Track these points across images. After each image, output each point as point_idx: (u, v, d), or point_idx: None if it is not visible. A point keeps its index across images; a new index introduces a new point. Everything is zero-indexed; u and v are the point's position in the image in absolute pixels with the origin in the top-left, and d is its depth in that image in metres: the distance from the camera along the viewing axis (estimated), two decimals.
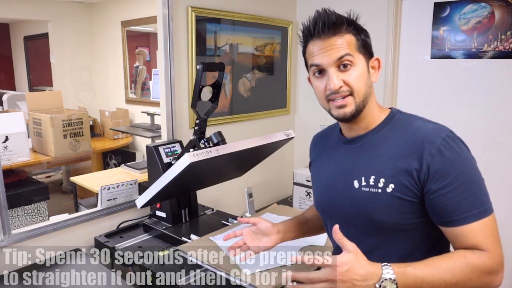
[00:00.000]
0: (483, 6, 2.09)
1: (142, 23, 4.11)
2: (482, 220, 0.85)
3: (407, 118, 0.97)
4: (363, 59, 0.94)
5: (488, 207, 0.86)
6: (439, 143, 0.86)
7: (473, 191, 0.86)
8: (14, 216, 2.77)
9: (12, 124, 2.97)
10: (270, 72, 2.67)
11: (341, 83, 0.91)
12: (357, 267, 0.81)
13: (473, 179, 0.87)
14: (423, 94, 2.35)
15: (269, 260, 1.37)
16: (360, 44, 0.94)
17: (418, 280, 0.81)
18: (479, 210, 0.85)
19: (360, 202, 0.95)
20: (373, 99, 0.97)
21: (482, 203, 0.86)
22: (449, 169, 0.85)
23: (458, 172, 0.85)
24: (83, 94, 4.88)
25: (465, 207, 0.85)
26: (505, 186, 2.14)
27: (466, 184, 0.85)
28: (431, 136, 0.88)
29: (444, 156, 0.86)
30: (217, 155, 1.33)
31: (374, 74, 0.97)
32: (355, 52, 0.92)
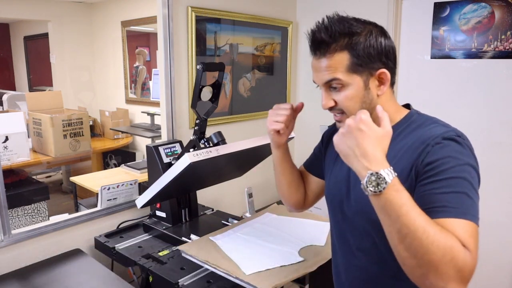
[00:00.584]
0: (483, 6, 2.10)
1: (142, 23, 4.11)
2: (468, 221, 0.75)
3: (424, 120, 0.93)
4: (358, 78, 0.88)
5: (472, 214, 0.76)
6: (438, 141, 0.82)
7: (456, 191, 0.77)
8: (14, 216, 2.77)
9: (12, 124, 2.97)
10: (270, 72, 2.67)
11: (331, 103, 0.91)
12: (372, 138, 0.75)
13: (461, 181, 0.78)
14: (423, 94, 2.35)
15: (269, 260, 1.37)
16: (354, 63, 0.87)
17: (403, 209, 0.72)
18: (459, 210, 0.76)
19: (362, 200, 0.91)
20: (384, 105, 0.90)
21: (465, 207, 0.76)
22: (438, 162, 0.80)
23: (446, 167, 0.79)
24: (83, 94, 4.88)
25: (452, 201, 0.76)
26: (505, 186, 2.14)
27: (451, 181, 0.78)
28: (436, 136, 0.84)
29: (438, 151, 0.81)
30: (217, 155, 1.33)
31: (379, 87, 0.91)
32: (346, 73, 0.87)
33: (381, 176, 0.72)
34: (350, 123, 0.77)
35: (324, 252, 1.43)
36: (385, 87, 0.91)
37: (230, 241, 1.52)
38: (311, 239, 1.52)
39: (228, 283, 1.34)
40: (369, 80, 0.89)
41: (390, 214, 0.73)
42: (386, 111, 0.90)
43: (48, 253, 1.69)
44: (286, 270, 1.31)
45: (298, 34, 2.82)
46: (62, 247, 1.73)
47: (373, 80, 0.90)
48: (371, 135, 0.75)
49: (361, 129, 0.76)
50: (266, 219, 1.75)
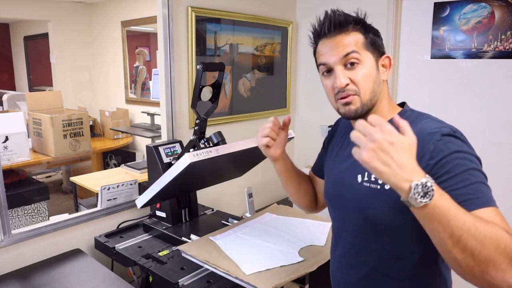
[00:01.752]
0: (483, 6, 2.10)
1: (142, 23, 4.11)
2: (493, 208, 0.77)
3: (416, 116, 0.96)
4: (371, 57, 0.93)
5: (494, 200, 0.79)
6: (438, 139, 0.83)
7: (473, 181, 0.79)
8: (14, 216, 2.77)
9: (12, 124, 2.97)
10: (270, 72, 2.67)
11: (347, 81, 0.91)
12: (406, 151, 0.71)
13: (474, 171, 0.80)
14: (423, 94, 2.35)
15: (269, 260, 1.37)
16: (368, 42, 0.93)
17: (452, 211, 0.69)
18: (482, 199, 0.77)
19: (360, 196, 0.94)
20: (383, 97, 0.97)
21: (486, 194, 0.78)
22: (447, 159, 0.81)
23: (456, 162, 0.80)
24: (83, 94, 4.88)
25: (473, 192, 0.77)
26: (505, 186, 2.14)
27: (466, 174, 0.79)
28: (431, 133, 0.85)
29: (442, 149, 0.82)
30: (217, 155, 1.33)
31: (385, 72, 0.96)
32: (362, 50, 0.92)
33: (426, 184, 0.69)
34: (378, 137, 0.71)
35: (324, 252, 1.43)
36: (389, 72, 0.97)
37: (230, 241, 1.52)
38: (311, 239, 1.52)
39: (228, 283, 1.34)
40: (378, 61, 0.95)
41: (440, 220, 0.70)
42: (383, 104, 0.97)
43: (48, 253, 1.69)
44: (286, 270, 1.31)
45: (298, 34, 2.82)
46: (62, 247, 1.73)
47: (380, 62, 0.96)
48: (404, 146, 0.72)
49: (392, 142, 0.71)
50: (266, 219, 1.75)
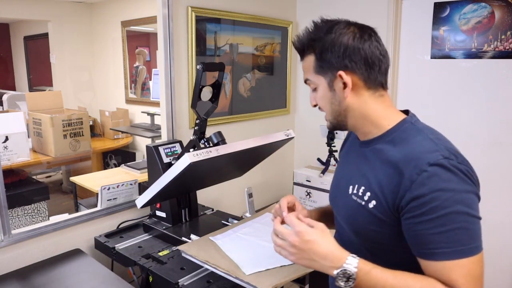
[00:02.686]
0: (483, 6, 2.10)
1: (142, 23, 4.11)
2: (458, 260, 0.75)
3: (413, 132, 0.88)
4: (323, 80, 0.92)
5: (470, 247, 0.76)
6: (423, 169, 0.78)
7: (451, 228, 0.76)
8: (14, 216, 2.77)
9: (12, 124, 2.97)
10: (270, 72, 2.67)
11: (314, 102, 0.98)
12: (320, 243, 0.81)
13: (455, 216, 0.76)
14: (423, 94, 2.35)
15: (269, 260, 1.37)
16: (317, 64, 0.91)
17: (378, 286, 0.78)
18: (454, 249, 0.75)
19: (348, 208, 0.95)
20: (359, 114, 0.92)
21: (461, 243, 0.75)
22: (426, 198, 0.77)
23: (437, 204, 0.76)
24: (83, 94, 4.88)
25: (438, 243, 0.76)
26: (505, 186, 2.14)
27: (443, 219, 0.76)
28: (419, 159, 0.80)
29: (424, 184, 0.77)
30: (217, 155, 1.33)
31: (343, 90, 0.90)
32: (313, 75, 0.93)
33: (346, 271, 0.78)
34: (294, 241, 0.83)
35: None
36: (347, 90, 0.89)
37: (230, 241, 1.52)
38: None
39: (228, 283, 1.34)
40: (333, 82, 0.91)
41: None
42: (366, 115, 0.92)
43: (48, 253, 1.69)
44: (286, 270, 1.31)
45: None
46: (62, 247, 1.73)
47: (337, 82, 0.90)
48: (317, 239, 0.81)
49: (307, 239, 0.82)
50: (266, 219, 1.75)
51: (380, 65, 0.90)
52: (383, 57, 0.90)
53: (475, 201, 0.79)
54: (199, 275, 1.42)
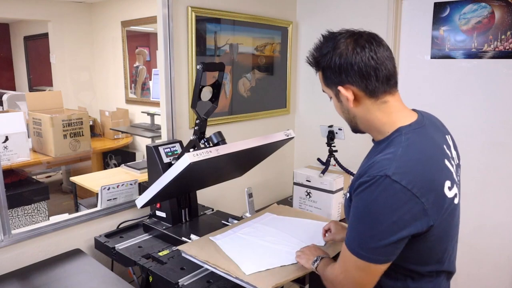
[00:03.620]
0: (483, 6, 2.09)
1: (142, 23, 4.11)
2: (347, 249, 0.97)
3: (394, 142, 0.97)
4: (331, 92, 1.03)
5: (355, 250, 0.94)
6: (364, 179, 0.91)
7: (354, 230, 0.96)
8: (14, 216, 2.77)
9: (12, 124, 2.97)
10: (270, 72, 2.67)
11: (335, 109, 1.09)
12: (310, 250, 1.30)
13: (360, 223, 0.94)
14: (423, 94, 2.35)
15: (269, 260, 1.37)
16: (324, 79, 1.03)
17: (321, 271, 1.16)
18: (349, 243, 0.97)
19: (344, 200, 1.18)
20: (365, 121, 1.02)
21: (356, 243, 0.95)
22: (354, 202, 0.95)
23: (355, 209, 0.95)
24: (83, 94, 4.88)
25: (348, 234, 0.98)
26: (505, 186, 2.14)
27: (354, 221, 0.96)
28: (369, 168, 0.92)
29: (357, 191, 0.93)
30: (217, 155, 1.33)
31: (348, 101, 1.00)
32: (325, 87, 1.05)
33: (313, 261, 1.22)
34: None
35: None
36: (350, 102, 0.99)
37: (230, 241, 1.52)
38: (311, 239, 1.52)
39: (228, 283, 1.34)
40: (338, 94, 1.01)
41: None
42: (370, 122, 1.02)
43: (48, 253, 1.69)
44: (286, 270, 1.31)
45: (298, 34, 2.82)
46: (62, 247, 1.73)
47: (341, 94, 1.00)
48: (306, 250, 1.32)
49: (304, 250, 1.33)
50: (266, 219, 1.75)
51: (377, 74, 0.95)
52: (380, 64, 0.95)
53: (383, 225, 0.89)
54: (199, 275, 1.42)
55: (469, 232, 2.17)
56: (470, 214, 2.12)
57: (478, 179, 2.20)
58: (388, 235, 0.89)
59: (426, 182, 0.89)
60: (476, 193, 2.20)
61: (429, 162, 0.94)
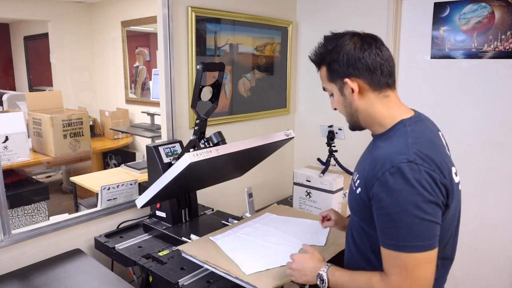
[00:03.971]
0: (483, 6, 2.09)
1: (142, 23, 4.11)
2: (397, 252, 0.91)
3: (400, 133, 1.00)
4: (335, 87, 1.06)
5: (409, 245, 0.89)
6: (387, 169, 0.91)
7: (394, 226, 0.91)
8: (14, 216, 2.77)
9: (12, 124, 2.97)
10: (270, 72, 2.67)
11: (333, 106, 1.12)
12: (307, 263, 1.14)
13: (398, 216, 0.90)
14: (423, 94, 2.35)
15: (269, 260, 1.37)
16: (329, 74, 1.06)
17: (339, 283, 1.05)
18: (395, 244, 0.91)
19: (349, 193, 1.12)
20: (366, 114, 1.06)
21: (403, 239, 0.90)
22: (381, 196, 0.92)
23: (386, 203, 0.91)
24: (83, 94, 4.88)
25: (385, 235, 0.94)
26: (505, 186, 2.14)
27: (389, 217, 0.91)
28: (387, 159, 0.93)
29: (383, 184, 0.92)
30: (217, 155, 1.33)
31: (352, 94, 1.04)
32: (327, 83, 1.08)
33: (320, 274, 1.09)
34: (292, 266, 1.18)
35: (324, 252, 1.43)
36: (355, 94, 1.03)
37: (230, 241, 1.52)
38: (311, 239, 1.52)
39: (228, 283, 1.34)
40: (343, 87, 1.05)
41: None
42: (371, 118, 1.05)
43: (48, 253, 1.69)
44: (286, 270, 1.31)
45: (298, 34, 2.82)
46: (62, 247, 1.73)
47: (346, 87, 1.04)
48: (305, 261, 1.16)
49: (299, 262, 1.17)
50: (266, 219, 1.75)
51: (382, 69, 1.02)
52: (385, 61, 1.03)
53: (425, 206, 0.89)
54: (199, 275, 1.42)
55: (469, 232, 2.17)
56: (470, 214, 2.12)
57: (478, 179, 2.20)
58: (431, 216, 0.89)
59: (441, 166, 0.93)
60: (476, 193, 2.20)
61: (437, 149, 0.98)
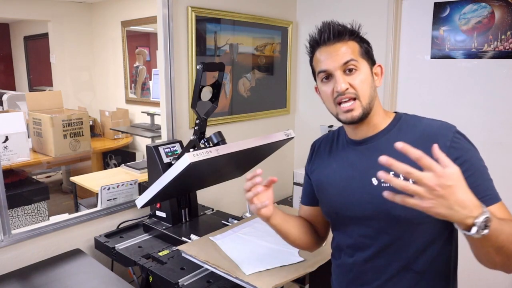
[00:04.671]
0: (483, 6, 2.09)
1: (142, 23, 4.11)
2: (499, 203, 0.91)
3: (414, 118, 1.03)
4: (366, 64, 1.00)
5: (497, 194, 0.93)
6: (452, 136, 0.93)
7: (485, 179, 0.92)
8: (14, 216, 2.77)
9: (12, 124, 2.97)
10: (270, 72, 2.67)
11: (347, 85, 0.96)
12: (461, 189, 0.72)
13: (484, 169, 0.93)
14: (423, 94, 2.35)
15: (269, 260, 1.37)
16: (363, 51, 1.00)
17: (498, 231, 0.76)
18: (492, 195, 0.91)
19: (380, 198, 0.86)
20: (378, 103, 1.03)
21: (493, 190, 0.92)
22: (464, 157, 0.91)
23: (472, 161, 0.92)
24: (83, 94, 4.88)
25: (483, 191, 0.88)
26: (505, 186, 2.14)
27: (479, 172, 0.91)
28: (441, 131, 0.94)
29: (458, 147, 0.92)
30: (217, 155, 1.33)
31: (377, 79, 1.03)
32: (358, 57, 0.98)
33: (486, 218, 0.73)
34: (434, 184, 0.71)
35: (324, 252, 1.43)
36: (381, 79, 1.03)
37: (230, 241, 1.52)
38: None
39: (228, 283, 1.34)
40: (372, 69, 1.02)
41: (491, 239, 0.76)
42: (378, 109, 1.02)
43: (48, 253, 1.69)
44: (286, 270, 1.31)
45: (298, 34, 2.82)
46: (62, 247, 1.73)
47: (374, 70, 1.02)
48: (458, 183, 0.72)
49: (448, 185, 0.71)
50: None
51: None
52: None
53: None
54: (199, 275, 1.42)
55: None
56: None
57: None
58: None
59: None
60: None
61: None
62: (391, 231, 0.98)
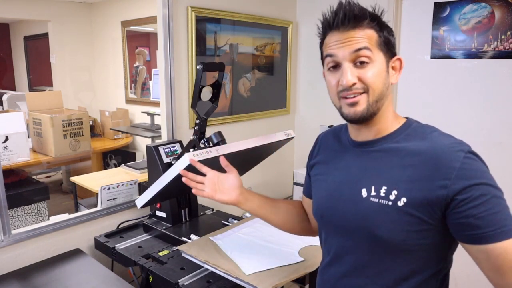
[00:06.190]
0: (483, 6, 2.09)
1: (142, 23, 4.11)
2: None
3: (425, 129, 0.90)
4: (383, 57, 0.87)
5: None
6: (463, 157, 0.80)
7: (502, 207, 0.80)
8: (14, 216, 2.77)
9: (12, 124, 2.97)
10: (270, 72, 2.67)
11: (355, 80, 0.85)
12: None
13: (501, 196, 0.81)
14: (423, 94, 2.35)
15: (269, 260, 1.37)
16: (381, 41, 0.87)
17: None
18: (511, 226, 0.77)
19: (365, 213, 0.86)
20: (389, 104, 0.91)
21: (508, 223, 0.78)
22: (478, 182, 0.79)
23: (487, 186, 0.80)
24: (83, 94, 4.88)
25: (499, 222, 0.77)
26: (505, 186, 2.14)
27: (495, 199, 0.79)
28: (452, 150, 0.81)
29: (470, 170, 0.80)
30: (217, 155, 1.33)
31: (394, 75, 0.91)
32: (374, 48, 0.86)
33: None
34: None
35: None
36: (399, 75, 0.91)
37: (230, 241, 1.52)
38: (311, 239, 1.52)
39: (228, 283, 1.34)
40: (389, 62, 0.89)
41: None
42: (388, 111, 0.90)
43: (48, 253, 1.69)
44: (286, 270, 1.31)
45: (298, 34, 2.82)
46: (62, 247, 1.73)
47: (391, 63, 0.90)
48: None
49: None
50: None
51: None
52: None
53: None
54: (199, 275, 1.42)
55: None
56: None
57: None
58: None
59: None
60: None
61: None
62: (371, 251, 0.88)
